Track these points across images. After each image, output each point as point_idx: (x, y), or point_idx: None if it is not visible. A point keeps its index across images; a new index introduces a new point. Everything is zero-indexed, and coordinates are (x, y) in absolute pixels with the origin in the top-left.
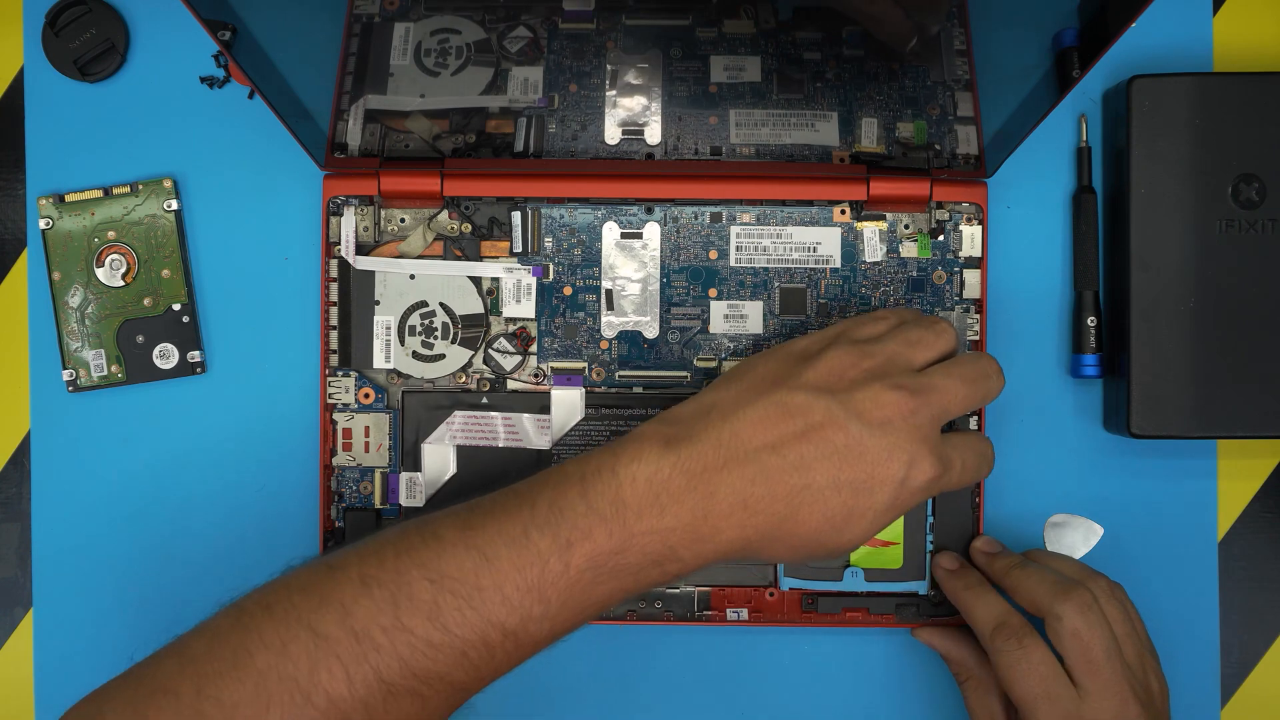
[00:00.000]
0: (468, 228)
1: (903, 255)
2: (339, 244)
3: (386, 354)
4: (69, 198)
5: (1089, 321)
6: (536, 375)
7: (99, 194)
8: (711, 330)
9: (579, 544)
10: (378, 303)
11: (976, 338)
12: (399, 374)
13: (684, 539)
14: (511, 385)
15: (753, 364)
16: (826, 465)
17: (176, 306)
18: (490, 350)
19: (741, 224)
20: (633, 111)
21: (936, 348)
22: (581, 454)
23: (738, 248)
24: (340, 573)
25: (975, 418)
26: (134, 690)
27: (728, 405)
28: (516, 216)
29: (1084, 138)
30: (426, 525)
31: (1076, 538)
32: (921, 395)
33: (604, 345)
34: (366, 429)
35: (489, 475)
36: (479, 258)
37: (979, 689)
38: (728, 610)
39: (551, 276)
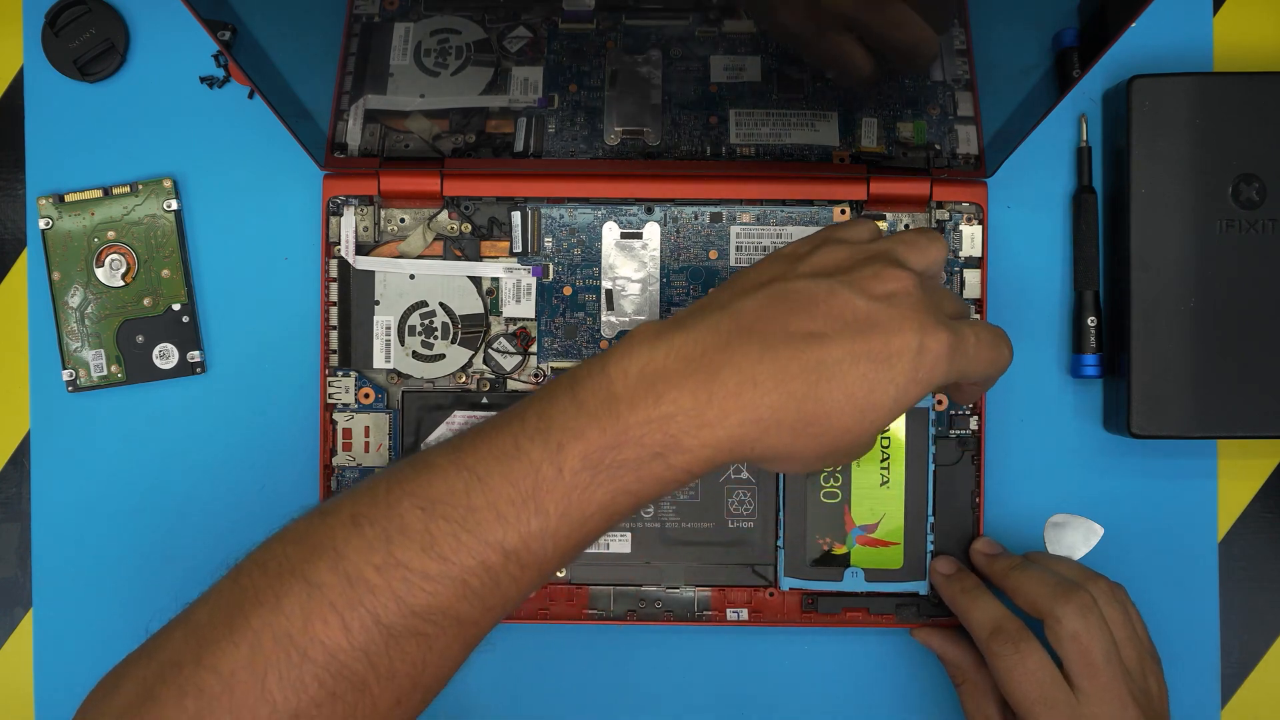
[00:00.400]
0: (467, 228)
1: None
2: (339, 244)
3: (386, 354)
4: (69, 198)
5: (1089, 321)
6: (536, 375)
7: (99, 194)
8: None
9: (570, 445)
10: (378, 303)
11: None
12: (399, 374)
13: (686, 425)
14: (512, 385)
15: (743, 272)
16: (840, 339)
17: (176, 306)
18: (490, 350)
19: (741, 224)
20: (633, 111)
21: (930, 253)
22: None
23: (738, 248)
24: (332, 516)
25: (976, 416)
26: (144, 666)
27: (724, 299)
28: (516, 216)
29: (1084, 138)
30: (420, 455)
31: (1076, 538)
32: (918, 277)
33: (604, 345)
34: (366, 429)
35: None
36: (479, 258)
37: (975, 692)
38: (728, 611)
39: (551, 276)
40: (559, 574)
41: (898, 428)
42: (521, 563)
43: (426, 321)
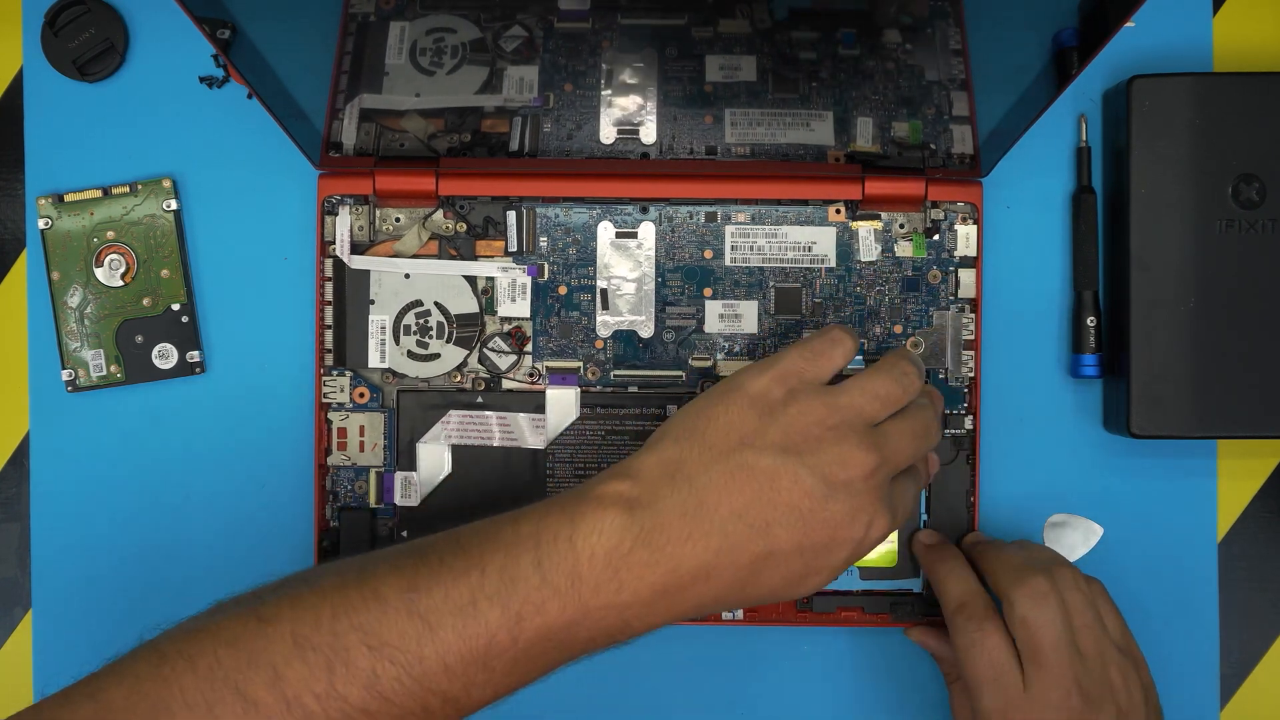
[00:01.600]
0: (463, 227)
1: (898, 255)
2: (334, 243)
3: (381, 353)
4: (68, 198)
5: (1089, 321)
6: (532, 375)
7: (98, 194)
8: (706, 330)
9: (530, 618)
10: (373, 302)
11: (971, 337)
12: (394, 373)
13: (640, 613)
14: (507, 385)
15: (713, 413)
16: (791, 532)
17: (175, 306)
18: (485, 349)
19: (736, 223)
20: (628, 111)
21: (901, 402)
22: (536, 505)
23: (733, 247)
24: (272, 628)
25: (970, 415)
26: None
27: (693, 467)
28: (511, 216)
29: (1084, 138)
30: (367, 580)
31: (1076, 538)
32: (882, 453)
33: (599, 345)
34: (361, 428)
35: (485, 475)
36: (474, 257)
37: (965, 691)
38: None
39: (546, 276)
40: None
41: None
42: (459, 706)
43: (421, 321)
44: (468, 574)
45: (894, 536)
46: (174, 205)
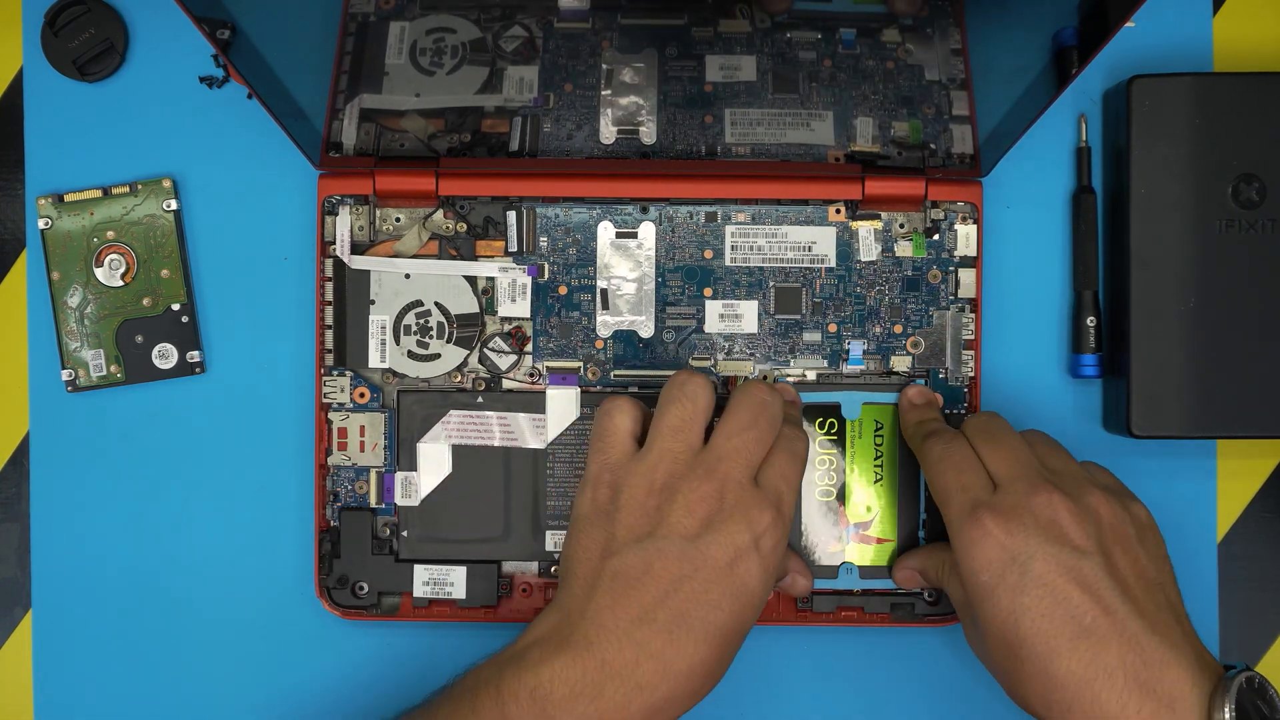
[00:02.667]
0: (463, 227)
1: (898, 254)
2: (334, 243)
3: (382, 353)
4: (68, 198)
5: (1088, 321)
6: (532, 375)
7: (98, 194)
8: (707, 330)
9: None
10: (373, 302)
11: (971, 336)
12: (394, 373)
13: None
14: (507, 384)
15: (571, 552)
16: (687, 590)
17: (175, 306)
18: (485, 350)
19: (737, 223)
20: (628, 111)
21: (696, 420)
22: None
23: (733, 247)
24: None
25: (969, 412)
26: None
27: (576, 600)
28: (512, 216)
29: (1084, 138)
30: None
31: None
32: (717, 474)
33: (599, 345)
34: (362, 428)
35: (485, 475)
36: (474, 257)
37: (954, 577)
38: None
39: (547, 276)
40: (552, 571)
41: (890, 425)
42: None
43: (422, 321)
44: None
45: (891, 533)
46: (174, 205)
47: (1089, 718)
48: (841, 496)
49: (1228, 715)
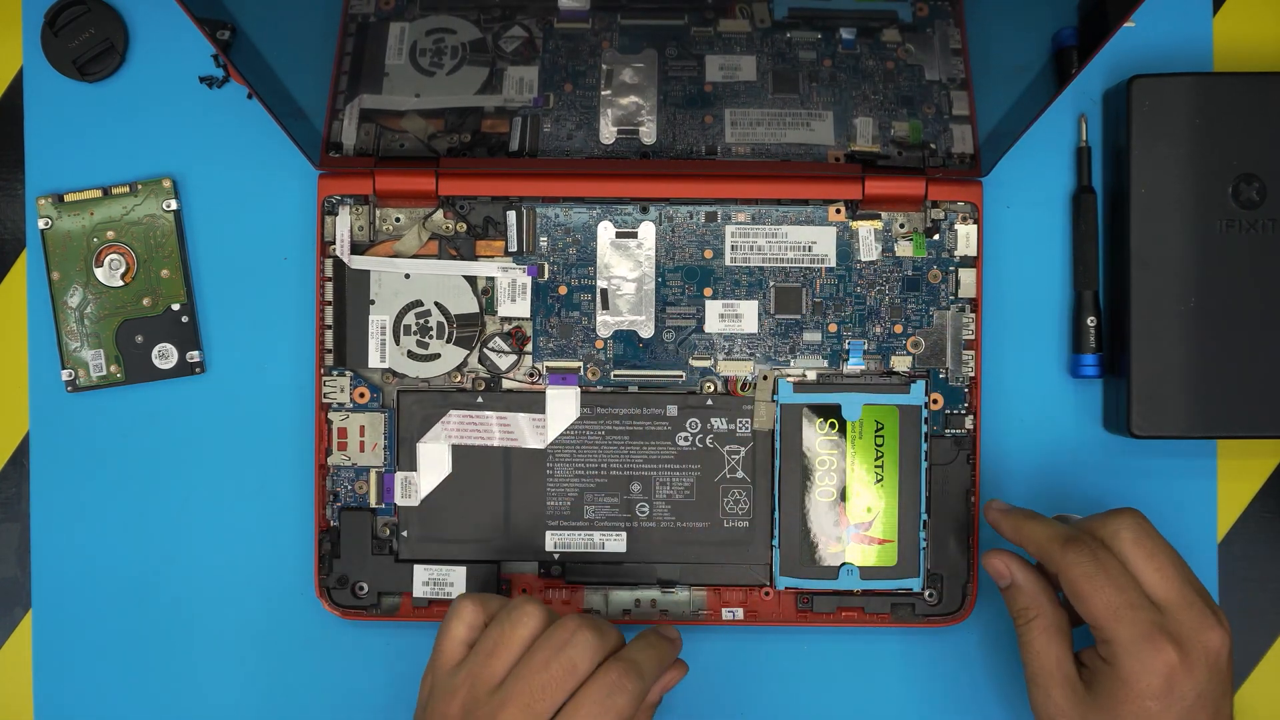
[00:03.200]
0: (463, 227)
1: (898, 254)
2: (334, 243)
3: (381, 353)
4: (68, 198)
5: (1089, 321)
6: (532, 375)
7: (98, 194)
8: (707, 330)
9: None
10: (373, 302)
11: (971, 336)
12: (394, 373)
13: None
14: (507, 385)
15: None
16: None
17: (175, 306)
18: (485, 349)
19: (737, 223)
20: (628, 111)
21: (511, 645)
22: None
23: (733, 247)
24: None
25: (971, 415)
26: None
27: None
28: (511, 216)
29: (1084, 137)
30: None
31: None
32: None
33: (599, 345)
34: (362, 428)
35: (485, 475)
36: (474, 257)
37: (1047, 631)
38: (723, 611)
39: (546, 276)
40: (552, 572)
41: (890, 425)
42: None
43: (422, 321)
44: None
45: (892, 534)
46: (174, 205)
47: None
48: (842, 497)
49: None
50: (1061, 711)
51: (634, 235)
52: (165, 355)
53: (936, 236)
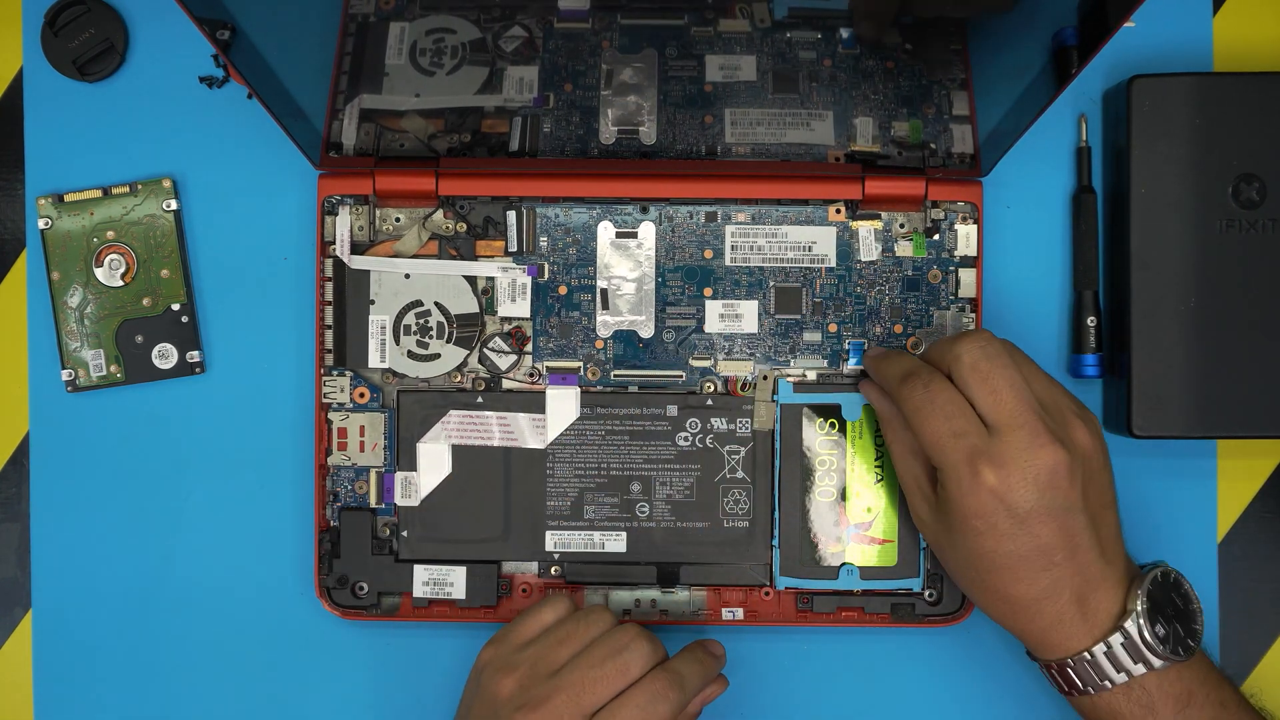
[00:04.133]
0: (463, 227)
1: (898, 254)
2: (334, 243)
3: (381, 353)
4: (68, 198)
5: (1089, 321)
6: (532, 375)
7: (98, 194)
8: (707, 330)
9: None
10: (373, 302)
11: None
12: (394, 373)
13: None
14: (507, 385)
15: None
16: None
17: (175, 306)
18: (485, 349)
19: (737, 223)
20: (628, 111)
21: (576, 637)
22: None
23: (733, 247)
24: None
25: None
26: None
27: None
28: (511, 216)
29: (1084, 138)
30: None
31: None
32: (547, 704)
33: (599, 345)
34: (362, 428)
35: (485, 475)
36: (474, 257)
37: (902, 454)
38: (723, 611)
39: (547, 276)
40: (552, 572)
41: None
42: None
43: (422, 321)
44: None
45: (892, 534)
46: (174, 205)
47: (1029, 626)
48: (842, 497)
49: (1139, 606)
50: (923, 523)
51: (634, 235)
52: (165, 355)
53: (936, 236)
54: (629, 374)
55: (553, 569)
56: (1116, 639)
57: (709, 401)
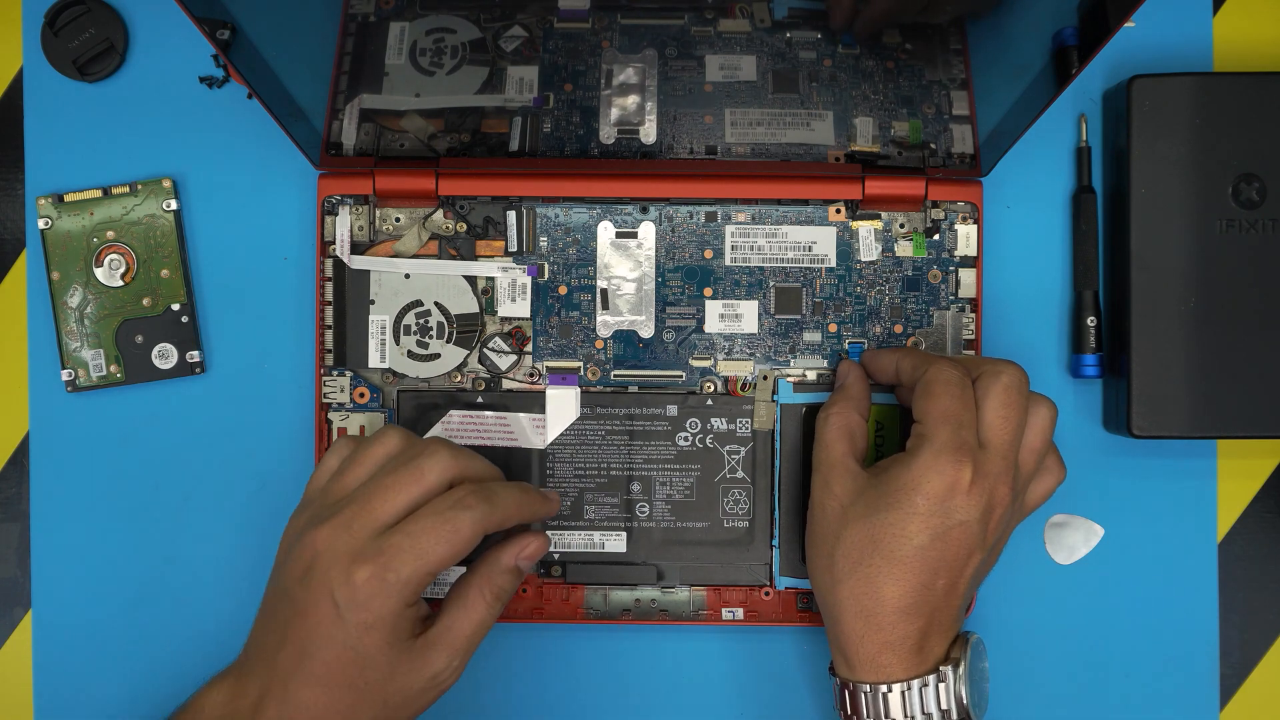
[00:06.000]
0: (463, 227)
1: (898, 254)
2: (334, 243)
3: (381, 353)
4: (68, 198)
5: (1089, 321)
6: (532, 375)
7: (98, 194)
8: (707, 330)
9: None
10: (373, 302)
11: (972, 336)
12: (394, 373)
13: None
14: (507, 385)
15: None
16: (288, 649)
17: (175, 306)
18: (485, 350)
19: (737, 223)
20: (628, 111)
21: (408, 494)
22: None
23: (733, 247)
24: None
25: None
26: None
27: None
28: (511, 215)
29: (1084, 138)
30: None
31: (1077, 538)
32: (343, 515)
33: (599, 345)
34: (362, 429)
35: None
36: (474, 257)
37: (841, 428)
38: (723, 610)
39: (546, 276)
40: (553, 572)
41: (890, 425)
42: None
43: (422, 321)
44: None
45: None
46: (174, 205)
47: (868, 634)
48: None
49: (965, 657)
50: (835, 497)
51: (634, 235)
52: (165, 355)
53: (936, 236)
54: (629, 374)
55: (553, 569)
56: (931, 679)
57: (709, 401)
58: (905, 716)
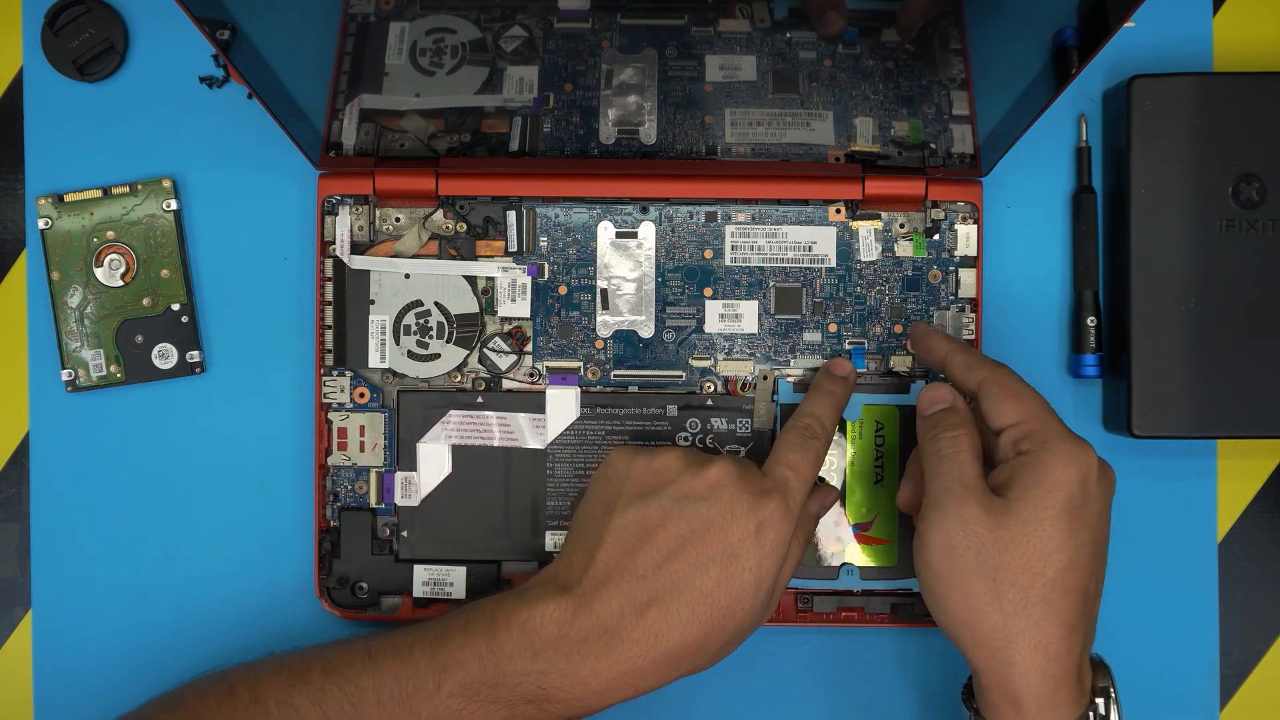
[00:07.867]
0: (463, 227)
1: (898, 254)
2: (334, 243)
3: (381, 353)
4: (68, 198)
5: (1089, 321)
6: (532, 375)
7: (98, 194)
8: (707, 330)
9: (453, 670)
10: (373, 302)
11: (972, 337)
12: (394, 373)
13: (560, 682)
14: (507, 385)
15: (581, 506)
16: (683, 558)
17: (175, 306)
18: (485, 350)
19: (737, 223)
20: (628, 111)
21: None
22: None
23: (733, 247)
24: (270, 657)
25: None
26: None
27: (582, 552)
28: (511, 216)
29: (1084, 138)
30: (350, 638)
31: None
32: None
33: (599, 345)
34: (362, 428)
35: (485, 475)
36: (474, 257)
37: (971, 448)
38: None
39: (547, 276)
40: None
41: (890, 426)
42: None
43: (422, 321)
44: (412, 632)
45: (892, 534)
46: (174, 205)
47: (1049, 669)
48: (842, 497)
49: (1112, 685)
50: (972, 524)
51: (634, 235)
52: (165, 355)
53: (936, 236)
54: (629, 374)
55: None
56: (1089, 716)
57: (709, 401)
58: None
